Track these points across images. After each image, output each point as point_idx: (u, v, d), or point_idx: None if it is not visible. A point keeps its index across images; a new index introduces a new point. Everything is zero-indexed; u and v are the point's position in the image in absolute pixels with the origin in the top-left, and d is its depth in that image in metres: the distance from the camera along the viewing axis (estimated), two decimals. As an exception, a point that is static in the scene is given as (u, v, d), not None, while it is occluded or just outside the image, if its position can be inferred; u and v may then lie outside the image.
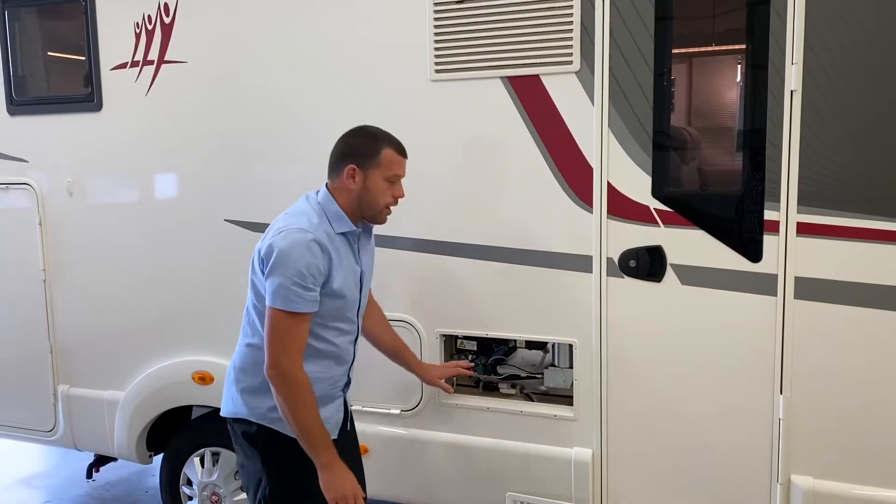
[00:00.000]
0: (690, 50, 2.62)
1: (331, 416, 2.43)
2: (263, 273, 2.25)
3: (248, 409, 2.38)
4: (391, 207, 2.40)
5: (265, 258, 2.24)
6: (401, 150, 2.38)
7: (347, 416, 2.55)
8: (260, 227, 3.08)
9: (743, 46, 2.46)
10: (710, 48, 2.61)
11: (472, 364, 2.93)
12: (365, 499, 2.39)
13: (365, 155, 2.33)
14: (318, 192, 2.40)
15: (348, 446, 2.52)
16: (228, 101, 3.11)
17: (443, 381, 2.82)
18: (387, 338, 2.76)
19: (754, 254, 2.46)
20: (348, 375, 2.51)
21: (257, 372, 2.32)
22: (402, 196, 2.41)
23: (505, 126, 2.70)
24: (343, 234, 2.34)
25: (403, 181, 2.41)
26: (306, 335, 2.28)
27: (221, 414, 2.48)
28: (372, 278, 2.57)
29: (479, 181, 2.78)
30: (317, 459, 2.28)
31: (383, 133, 2.38)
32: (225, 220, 3.18)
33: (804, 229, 2.40)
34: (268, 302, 2.23)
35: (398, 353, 2.77)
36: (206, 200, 3.21)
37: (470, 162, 2.79)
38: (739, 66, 2.49)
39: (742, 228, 2.46)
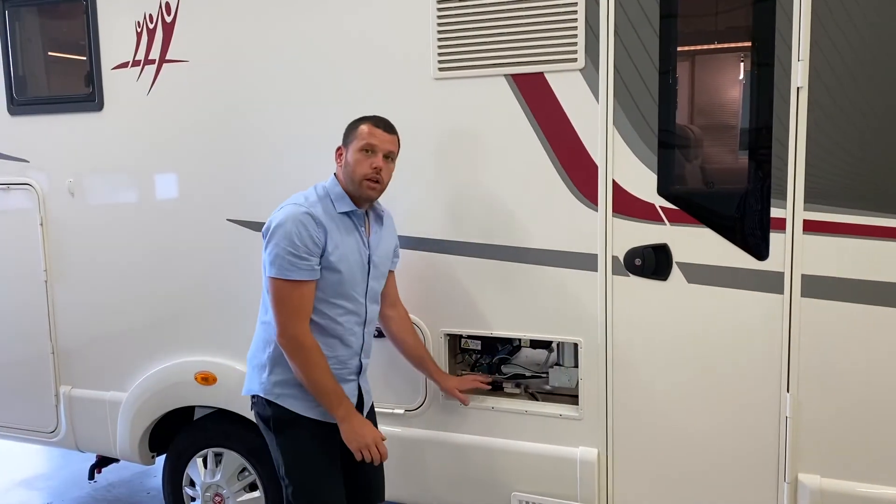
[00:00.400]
0: (696, 47, 2.60)
1: (315, 405, 2.48)
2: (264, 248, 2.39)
3: (258, 384, 2.50)
4: (374, 182, 2.44)
5: (264, 233, 2.40)
6: (378, 124, 2.48)
7: (361, 403, 2.60)
8: (260, 227, 3.07)
9: (748, 43, 2.45)
10: (715, 45, 2.59)
11: (491, 379, 2.91)
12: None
13: (347, 134, 2.51)
14: (326, 180, 2.53)
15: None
16: (230, 100, 3.10)
17: (461, 393, 2.85)
18: (413, 346, 2.81)
19: (761, 251, 2.45)
20: (360, 360, 2.57)
21: (265, 348, 2.48)
22: (380, 166, 2.44)
23: (509, 124, 2.69)
24: (346, 214, 2.45)
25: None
26: (309, 302, 2.38)
27: (242, 394, 2.61)
28: (393, 269, 2.70)
29: (482, 180, 2.77)
30: (335, 414, 2.41)
31: (368, 115, 2.52)
32: (227, 219, 3.16)
33: (811, 227, 2.38)
34: (265, 273, 2.38)
35: (423, 362, 2.83)
36: (208, 200, 3.20)
37: (474, 160, 2.77)
38: (745, 62, 2.47)
39: (748, 226, 2.45)
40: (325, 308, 2.43)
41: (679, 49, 2.51)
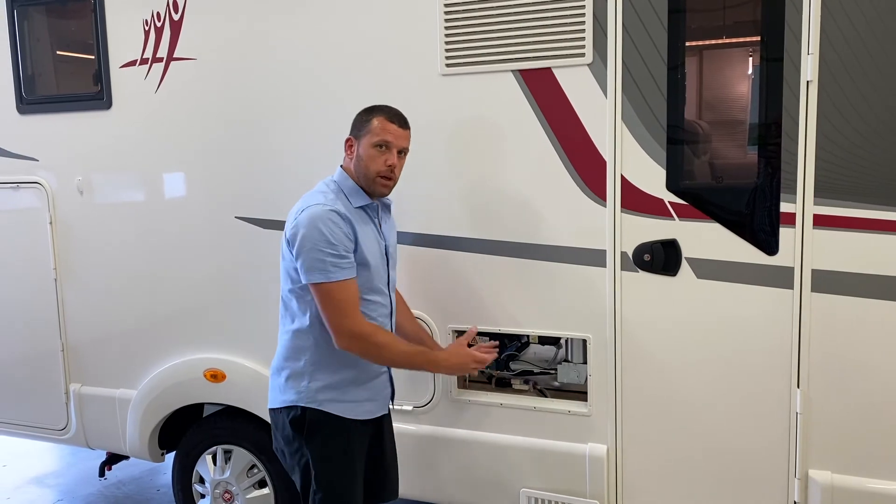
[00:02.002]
0: (704, 42, 2.59)
1: (377, 393, 2.51)
2: (293, 256, 2.31)
3: (296, 393, 2.41)
4: (387, 179, 2.42)
5: (291, 240, 2.31)
6: (393, 118, 2.42)
7: (392, 393, 2.62)
8: (271, 224, 3.08)
9: (758, 37, 2.43)
10: (724, 39, 2.58)
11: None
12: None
13: (358, 125, 2.44)
14: (333, 174, 2.49)
15: (387, 433, 2.64)
16: (238, 97, 3.10)
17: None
18: (413, 331, 2.76)
19: (770, 247, 2.43)
20: None
21: (300, 356, 2.41)
22: (394, 164, 2.41)
23: (517, 120, 2.68)
24: (362, 207, 2.41)
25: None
26: (356, 295, 2.34)
27: (270, 406, 2.51)
28: (398, 255, 2.66)
29: (490, 176, 2.76)
30: (427, 369, 2.50)
31: (382, 105, 2.46)
32: (236, 217, 3.17)
33: (821, 221, 2.37)
34: (306, 280, 2.29)
35: (423, 342, 2.74)
36: (216, 197, 3.20)
37: (482, 156, 2.77)
38: (754, 56, 2.46)
39: (758, 221, 2.44)
40: (363, 306, 2.38)
41: (688, 44, 2.50)
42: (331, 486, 2.42)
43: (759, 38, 2.43)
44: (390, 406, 2.66)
